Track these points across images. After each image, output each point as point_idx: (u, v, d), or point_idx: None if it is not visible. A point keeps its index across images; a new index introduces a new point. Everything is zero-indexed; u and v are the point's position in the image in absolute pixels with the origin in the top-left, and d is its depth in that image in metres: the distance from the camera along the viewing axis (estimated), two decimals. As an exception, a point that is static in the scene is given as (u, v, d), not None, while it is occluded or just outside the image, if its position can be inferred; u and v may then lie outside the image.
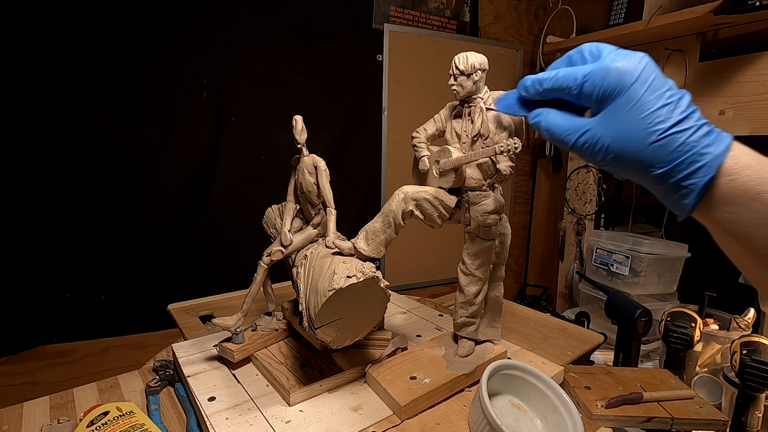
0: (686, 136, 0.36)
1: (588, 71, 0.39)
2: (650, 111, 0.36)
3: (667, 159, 0.37)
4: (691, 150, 0.36)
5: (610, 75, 0.38)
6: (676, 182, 0.37)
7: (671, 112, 0.36)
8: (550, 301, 2.19)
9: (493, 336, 0.80)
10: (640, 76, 0.37)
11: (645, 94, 0.37)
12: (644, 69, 0.37)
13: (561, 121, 0.42)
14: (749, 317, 1.20)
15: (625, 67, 0.37)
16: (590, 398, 0.74)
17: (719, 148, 0.36)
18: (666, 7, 1.47)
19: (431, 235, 1.65)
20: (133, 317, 1.37)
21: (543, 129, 0.44)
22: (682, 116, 0.36)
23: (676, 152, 0.36)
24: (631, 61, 0.38)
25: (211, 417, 0.63)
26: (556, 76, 0.41)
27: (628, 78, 0.37)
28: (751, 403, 0.85)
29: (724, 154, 0.36)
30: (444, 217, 0.71)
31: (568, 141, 0.41)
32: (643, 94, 0.37)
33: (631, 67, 0.37)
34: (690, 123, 0.36)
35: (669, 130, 0.36)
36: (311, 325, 0.61)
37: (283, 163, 0.85)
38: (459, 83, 0.67)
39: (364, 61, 1.65)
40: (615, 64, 0.38)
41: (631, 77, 0.37)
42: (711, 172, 0.36)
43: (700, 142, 0.36)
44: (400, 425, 0.64)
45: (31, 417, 0.69)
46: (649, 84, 0.37)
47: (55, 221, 1.23)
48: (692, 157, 0.36)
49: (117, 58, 1.24)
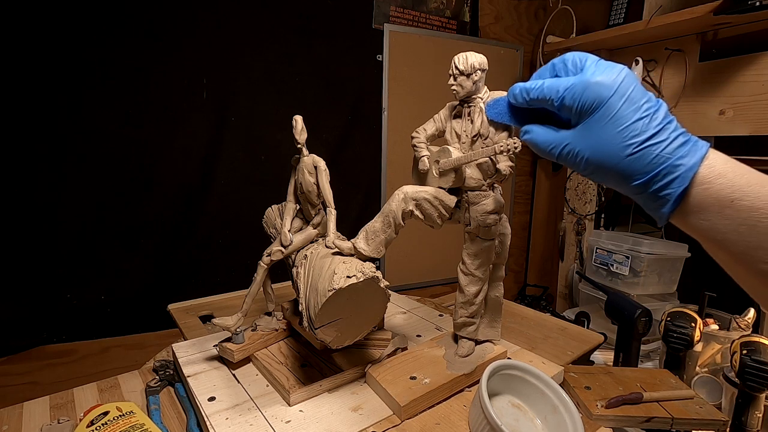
0: (661, 148, 0.37)
1: (569, 84, 0.40)
2: (626, 125, 0.38)
3: (643, 171, 0.38)
4: (665, 162, 0.37)
5: (589, 89, 0.39)
6: (653, 192, 0.38)
7: (647, 125, 0.37)
8: (550, 301, 2.19)
9: (493, 336, 0.80)
10: (618, 89, 0.38)
11: (622, 107, 0.38)
12: (622, 83, 0.38)
13: (544, 136, 0.43)
14: (749, 317, 1.20)
15: (603, 81, 0.38)
16: (590, 398, 0.74)
17: (693, 159, 0.37)
18: (666, 7, 1.47)
19: (431, 235, 1.65)
20: (133, 317, 1.37)
21: (529, 143, 0.45)
22: (658, 128, 0.37)
23: (652, 164, 0.37)
24: (609, 75, 0.38)
25: (211, 417, 0.63)
26: (541, 86, 0.42)
27: (606, 92, 0.38)
28: (751, 403, 0.85)
29: (698, 165, 0.37)
30: (444, 217, 0.71)
31: (553, 153, 0.43)
32: (620, 107, 0.38)
33: (610, 82, 0.38)
34: (665, 135, 0.37)
35: (644, 143, 0.37)
36: (311, 325, 0.61)
37: (283, 163, 0.85)
38: (459, 83, 0.67)
39: (364, 61, 1.65)
40: (594, 79, 0.39)
41: (609, 91, 0.38)
42: (684, 183, 0.37)
43: (675, 153, 0.37)
44: (400, 425, 0.64)
45: (31, 417, 0.69)
46: (626, 98, 0.38)
47: (55, 221, 1.23)
48: (667, 168, 0.37)
49: (117, 58, 1.24)
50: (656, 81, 1.62)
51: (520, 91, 0.45)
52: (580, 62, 0.41)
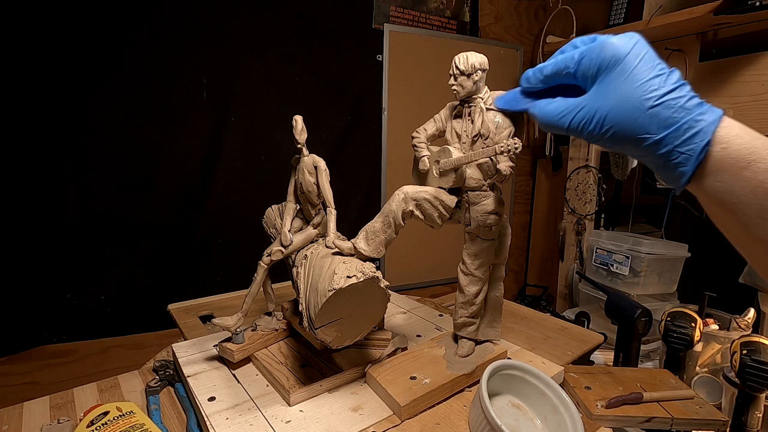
0: (681, 102, 0.38)
1: (584, 49, 0.42)
2: (645, 80, 0.38)
3: (663, 125, 0.38)
4: (686, 116, 0.37)
5: (606, 49, 0.40)
6: (672, 149, 0.38)
7: (664, 81, 0.38)
8: (550, 301, 2.19)
9: (493, 336, 0.80)
10: (634, 48, 0.39)
11: (639, 65, 0.39)
12: (637, 44, 0.40)
13: (554, 105, 0.44)
14: (749, 317, 1.19)
15: (619, 41, 0.40)
16: (590, 398, 0.74)
17: (713, 116, 0.37)
18: (666, 7, 1.47)
19: (431, 235, 1.65)
20: (133, 317, 1.37)
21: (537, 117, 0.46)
22: (675, 85, 0.38)
23: (672, 118, 0.38)
24: (624, 38, 0.40)
25: (211, 417, 0.63)
26: (555, 60, 0.44)
27: (622, 50, 0.39)
28: (751, 403, 0.85)
29: (717, 122, 0.37)
30: (444, 217, 0.71)
31: (564, 122, 0.43)
32: (637, 65, 0.39)
33: (625, 42, 0.40)
34: (683, 92, 0.38)
35: (664, 96, 0.38)
36: (311, 325, 0.61)
37: (283, 163, 0.85)
38: (459, 83, 0.67)
39: (364, 61, 1.65)
40: (610, 40, 0.40)
41: (626, 49, 0.39)
42: (707, 137, 0.37)
43: (695, 109, 0.38)
44: (400, 425, 0.64)
45: (31, 417, 0.69)
46: (642, 57, 0.39)
47: (55, 221, 1.23)
48: (688, 123, 0.37)
49: (117, 58, 1.24)
50: (656, 81, 1.61)
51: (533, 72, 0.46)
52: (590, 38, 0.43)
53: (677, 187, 0.40)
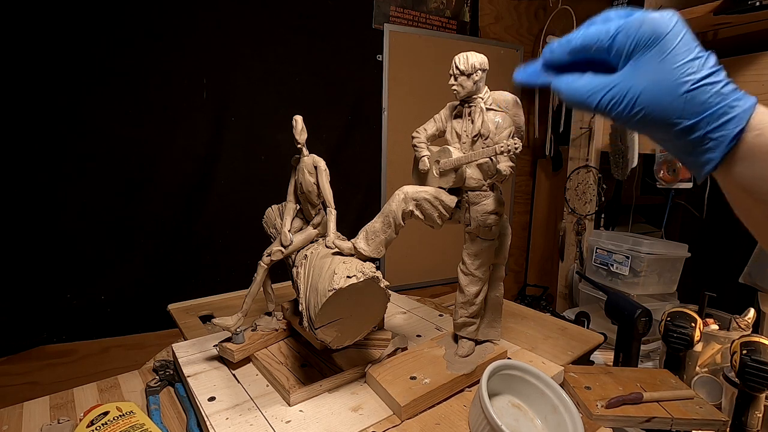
0: (718, 87, 0.36)
1: (621, 23, 0.39)
2: (683, 62, 0.37)
3: (697, 110, 0.37)
4: (722, 102, 0.36)
5: (645, 24, 0.38)
6: (703, 135, 0.37)
7: (702, 65, 0.37)
8: (550, 301, 2.19)
9: (493, 336, 0.80)
10: (674, 28, 0.37)
11: (678, 45, 0.37)
12: (677, 23, 0.38)
13: (584, 82, 0.42)
14: (749, 317, 1.19)
15: (660, 18, 0.38)
16: (590, 398, 0.74)
17: (748, 102, 0.36)
18: (666, 7, 1.47)
19: (431, 235, 1.64)
20: (133, 317, 1.37)
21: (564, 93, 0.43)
22: (713, 70, 0.37)
23: (707, 103, 0.37)
24: (665, 15, 0.38)
25: (211, 417, 0.63)
26: (585, 31, 0.41)
27: (663, 29, 0.37)
28: (751, 403, 0.85)
29: (752, 108, 0.36)
30: (444, 217, 0.71)
31: (593, 101, 0.41)
32: (677, 45, 0.37)
33: (666, 19, 0.38)
34: (720, 77, 0.37)
35: (701, 81, 0.37)
36: (311, 325, 0.61)
37: (283, 163, 0.85)
38: (459, 83, 0.67)
39: (364, 61, 1.65)
40: (650, 16, 0.38)
41: (666, 28, 0.37)
42: (741, 124, 0.36)
43: (731, 95, 0.36)
44: (400, 425, 0.64)
45: (31, 417, 0.69)
46: (681, 37, 0.37)
47: (55, 221, 1.23)
48: (723, 108, 0.36)
49: (117, 58, 1.24)
50: (656, 81, 1.61)
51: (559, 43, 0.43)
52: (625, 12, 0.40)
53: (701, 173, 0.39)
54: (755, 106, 0.36)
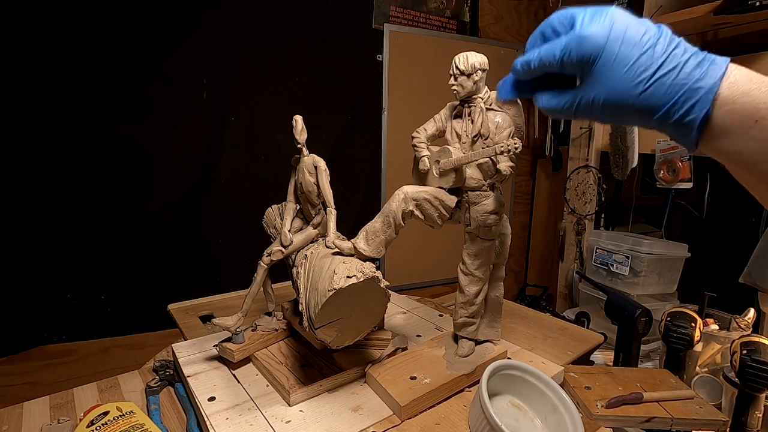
0: (672, 77, 0.36)
1: (563, 45, 0.40)
2: (630, 64, 0.37)
3: (660, 103, 0.37)
4: (681, 89, 0.36)
5: (584, 43, 0.38)
6: (676, 121, 0.37)
7: (651, 58, 0.37)
8: (550, 301, 2.19)
9: (493, 336, 0.80)
10: (611, 34, 0.38)
11: (621, 49, 0.37)
12: (614, 26, 0.38)
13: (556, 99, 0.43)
14: (749, 317, 1.19)
15: (594, 31, 0.38)
16: (590, 398, 0.74)
17: (712, 80, 0.36)
18: (666, 7, 1.47)
19: (431, 235, 1.64)
20: (133, 317, 1.37)
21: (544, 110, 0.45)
22: (664, 58, 0.37)
23: (667, 95, 0.37)
24: (599, 23, 0.38)
25: (211, 417, 0.63)
26: (539, 55, 0.42)
27: (601, 40, 0.38)
28: (751, 403, 0.85)
29: (717, 85, 0.36)
30: (444, 217, 0.71)
31: (571, 111, 0.42)
32: (619, 50, 0.37)
33: (602, 30, 0.38)
34: (673, 63, 0.36)
35: (653, 77, 0.37)
36: (311, 325, 0.61)
37: (283, 163, 0.85)
38: (459, 83, 0.67)
39: (364, 61, 1.65)
40: (585, 32, 0.38)
41: (603, 39, 0.38)
42: (706, 106, 0.36)
43: (690, 77, 0.36)
44: (400, 425, 0.64)
45: (31, 417, 0.69)
46: (622, 39, 0.37)
47: (55, 221, 1.23)
48: (685, 95, 0.36)
49: (117, 58, 1.24)
50: (656, 81, 1.62)
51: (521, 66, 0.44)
52: (568, 20, 0.40)
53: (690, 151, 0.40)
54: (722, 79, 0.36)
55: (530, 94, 0.47)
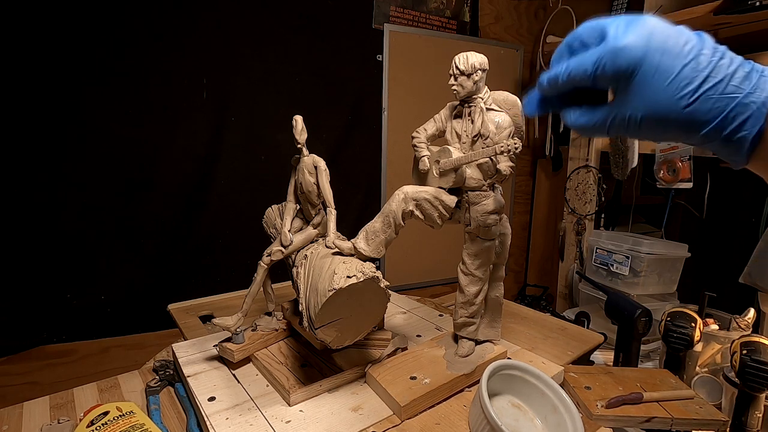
0: (720, 89, 0.33)
1: (596, 58, 0.36)
2: (673, 76, 0.34)
3: (707, 118, 0.34)
4: (731, 103, 0.33)
5: (621, 55, 0.35)
6: (726, 137, 0.35)
7: (695, 69, 0.34)
8: (550, 301, 2.19)
9: (493, 336, 0.80)
10: (651, 44, 0.34)
11: (662, 60, 0.34)
12: (653, 36, 0.34)
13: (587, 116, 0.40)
14: (749, 317, 1.19)
15: (632, 42, 0.35)
16: (590, 398, 0.74)
17: (764, 93, 0.33)
18: (666, 7, 1.47)
19: (431, 235, 1.64)
20: (133, 317, 1.37)
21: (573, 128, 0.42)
22: (710, 70, 0.33)
23: (715, 109, 0.34)
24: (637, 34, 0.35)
25: (211, 417, 0.63)
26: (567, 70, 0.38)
27: (639, 52, 0.34)
28: (751, 403, 0.85)
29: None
30: (444, 217, 0.71)
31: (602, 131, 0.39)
32: (660, 60, 0.34)
33: (639, 40, 0.34)
34: (720, 75, 0.33)
35: (699, 90, 0.34)
36: (311, 325, 0.61)
37: (283, 163, 0.85)
38: (459, 83, 0.67)
39: (364, 61, 1.65)
40: (621, 43, 0.35)
41: (642, 50, 0.34)
42: (759, 122, 0.33)
43: (739, 90, 0.33)
44: (400, 425, 0.64)
45: (31, 417, 0.69)
46: (663, 49, 0.34)
47: (55, 221, 1.23)
48: (735, 109, 0.33)
49: (117, 58, 1.24)
50: (656, 81, 1.62)
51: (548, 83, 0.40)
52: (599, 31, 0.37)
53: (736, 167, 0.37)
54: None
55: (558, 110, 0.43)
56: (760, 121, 0.33)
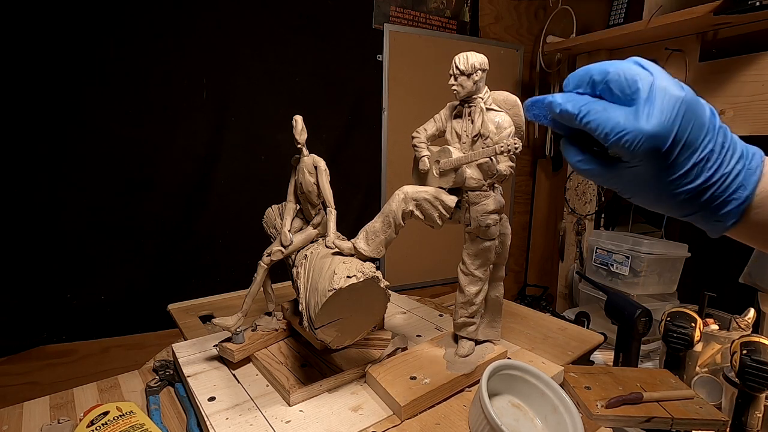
0: (714, 189, 0.35)
1: (619, 130, 0.34)
2: (681, 172, 0.35)
3: (693, 210, 0.37)
4: (717, 199, 0.36)
5: (644, 143, 0.34)
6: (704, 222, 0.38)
7: (701, 168, 0.35)
8: (550, 301, 2.19)
9: (493, 336, 0.80)
10: (676, 137, 0.34)
11: (678, 155, 0.34)
12: (680, 127, 0.34)
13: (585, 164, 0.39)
14: (749, 317, 1.19)
15: (659, 131, 0.33)
16: (590, 398, 0.74)
17: (746, 191, 0.35)
18: (666, 7, 1.47)
19: (431, 235, 1.64)
20: (133, 317, 1.37)
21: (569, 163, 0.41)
22: (713, 169, 0.35)
23: (704, 203, 0.36)
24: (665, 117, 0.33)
25: (211, 417, 0.63)
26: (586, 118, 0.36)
27: (662, 143, 0.34)
28: (751, 403, 0.85)
29: (751, 196, 0.35)
30: (444, 217, 0.71)
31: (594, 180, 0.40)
32: (676, 155, 0.34)
33: (666, 129, 0.33)
34: (719, 174, 0.35)
35: (697, 189, 0.35)
36: (311, 325, 0.61)
37: (283, 163, 0.85)
38: (459, 83, 0.67)
39: (364, 61, 1.65)
40: (649, 128, 0.33)
41: (666, 142, 0.34)
42: (736, 217, 0.36)
43: (729, 189, 0.35)
44: (400, 425, 0.64)
45: (31, 417, 0.69)
46: (683, 143, 0.34)
47: (55, 221, 1.23)
48: (719, 205, 0.36)
49: (117, 58, 1.24)
50: (656, 81, 1.62)
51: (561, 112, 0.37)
52: (628, 87, 0.34)
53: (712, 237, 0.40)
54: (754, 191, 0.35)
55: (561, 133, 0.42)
56: (736, 217, 0.36)
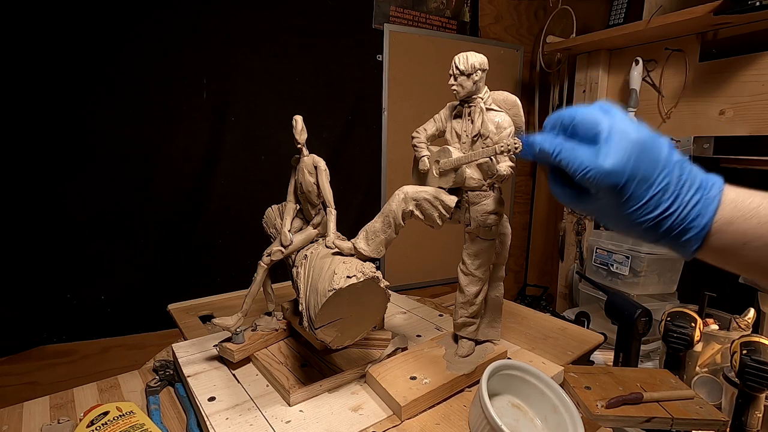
0: (673, 219, 0.39)
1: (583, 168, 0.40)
2: (640, 204, 0.39)
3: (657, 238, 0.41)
4: (678, 227, 0.39)
5: (604, 179, 0.39)
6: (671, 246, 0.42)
7: (659, 199, 0.39)
8: (550, 301, 2.19)
9: (493, 336, 0.80)
10: (631, 173, 0.38)
11: (635, 188, 0.39)
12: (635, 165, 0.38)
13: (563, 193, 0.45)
14: (749, 317, 1.19)
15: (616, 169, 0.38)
16: (590, 398, 0.74)
17: (705, 219, 0.38)
18: (666, 7, 1.47)
19: (431, 235, 1.65)
20: (133, 317, 1.37)
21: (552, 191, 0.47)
22: (671, 199, 0.39)
23: (665, 231, 0.40)
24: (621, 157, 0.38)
25: (211, 417, 0.63)
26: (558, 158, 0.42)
27: (619, 179, 0.39)
28: (751, 403, 0.85)
29: (710, 223, 0.38)
30: (444, 217, 0.71)
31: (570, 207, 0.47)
32: (633, 189, 0.39)
33: (621, 167, 0.38)
34: (677, 204, 0.39)
35: (657, 218, 0.39)
36: (311, 325, 0.61)
37: (283, 163, 0.85)
38: (459, 83, 0.67)
39: (364, 61, 1.65)
40: (606, 166, 0.38)
41: (622, 178, 0.38)
42: (697, 243, 0.39)
43: (687, 218, 0.39)
44: (400, 425, 0.64)
45: (31, 417, 0.69)
46: (639, 178, 0.39)
47: (55, 221, 1.23)
48: (680, 233, 0.39)
49: (117, 58, 1.24)
50: (656, 81, 1.62)
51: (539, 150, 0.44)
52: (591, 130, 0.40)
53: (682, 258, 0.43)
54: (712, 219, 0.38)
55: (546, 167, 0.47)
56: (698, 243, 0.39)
